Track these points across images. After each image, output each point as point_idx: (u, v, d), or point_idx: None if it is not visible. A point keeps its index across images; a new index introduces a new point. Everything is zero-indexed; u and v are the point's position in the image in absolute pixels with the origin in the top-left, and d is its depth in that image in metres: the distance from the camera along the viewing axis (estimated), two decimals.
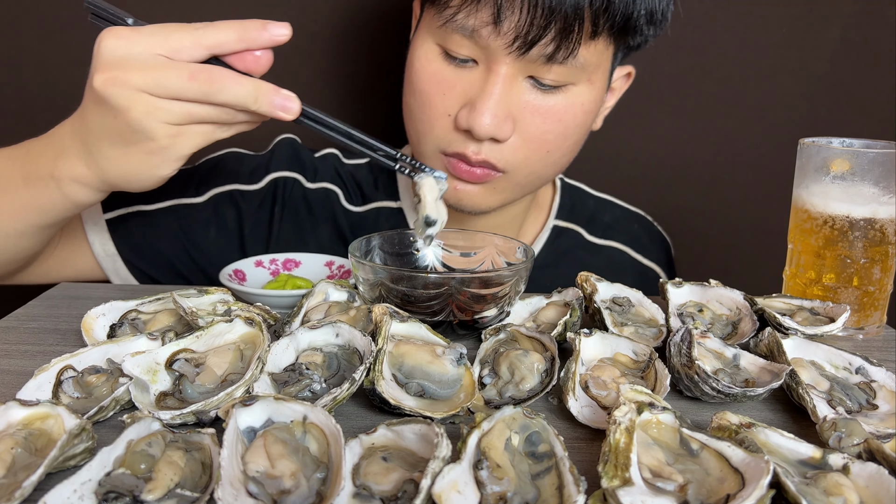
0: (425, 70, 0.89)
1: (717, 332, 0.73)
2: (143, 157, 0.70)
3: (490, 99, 0.84)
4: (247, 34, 0.68)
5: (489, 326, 0.70)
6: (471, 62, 0.86)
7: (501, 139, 0.87)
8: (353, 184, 1.13)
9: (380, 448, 0.49)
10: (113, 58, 0.66)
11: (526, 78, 0.86)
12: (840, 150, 0.77)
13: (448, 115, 0.88)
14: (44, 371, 0.58)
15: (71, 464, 0.49)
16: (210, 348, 0.61)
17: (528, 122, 0.88)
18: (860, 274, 0.78)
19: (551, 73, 0.85)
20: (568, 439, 0.55)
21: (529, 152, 0.90)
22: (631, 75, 1.03)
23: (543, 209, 1.16)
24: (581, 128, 0.93)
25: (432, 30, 0.88)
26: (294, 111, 0.71)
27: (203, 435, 0.50)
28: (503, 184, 0.93)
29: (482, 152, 0.88)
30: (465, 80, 0.87)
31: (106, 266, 0.99)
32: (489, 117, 0.84)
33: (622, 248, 1.16)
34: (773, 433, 0.51)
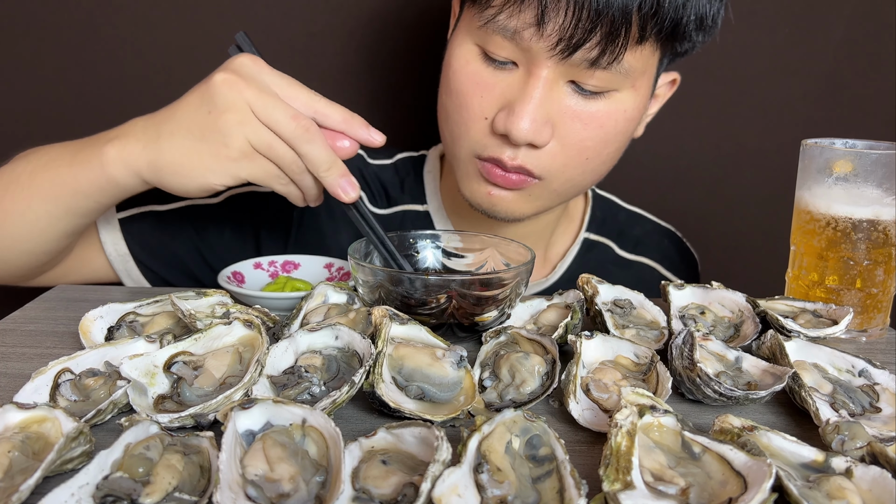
0: (463, 71, 0.87)
1: (719, 335, 0.73)
2: (207, 157, 0.73)
3: (530, 103, 0.82)
4: (351, 122, 0.75)
5: (489, 329, 0.70)
6: (510, 64, 0.84)
7: (540, 145, 0.84)
8: (377, 185, 1.12)
9: (379, 451, 0.49)
10: (241, 69, 0.73)
11: (567, 82, 0.83)
12: (843, 152, 0.77)
13: (485, 118, 0.86)
14: (41, 374, 0.58)
15: (68, 467, 0.49)
16: (208, 351, 0.61)
17: (567, 127, 0.85)
18: (863, 276, 0.78)
19: (594, 79, 0.82)
20: (569, 442, 0.55)
21: (568, 159, 0.87)
22: (676, 82, 1.00)
23: (574, 220, 1.15)
24: (622, 135, 0.90)
25: (472, 30, 0.86)
26: (352, 197, 0.76)
27: (201, 438, 0.50)
28: (539, 191, 0.91)
29: (518, 157, 0.85)
30: (505, 82, 0.85)
31: (118, 267, 0.98)
32: (528, 122, 0.82)
33: (652, 264, 1.16)
34: (775, 436, 0.51)
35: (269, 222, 1.04)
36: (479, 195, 0.92)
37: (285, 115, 0.71)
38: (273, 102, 0.71)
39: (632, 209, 1.22)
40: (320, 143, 0.73)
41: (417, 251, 0.83)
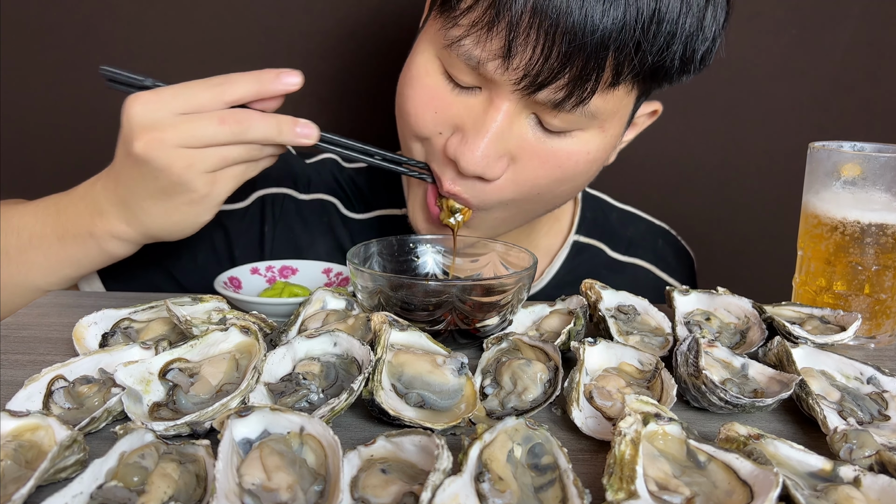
0: (422, 82, 0.82)
1: (724, 341, 0.73)
2: (186, 208, 0.77)
3: (486, 136, 0.78)
4: (262, 87, 0.75)
5: (491, 335, 0.70)
6: (474, 88, 0.80)
7: (489, 179, 0.81)
8: (353, 190, 1.11)
9: (379, 460, 0.49)
10: (146, 121, 0.73)
11: (531, 115, 0.79)
12: (851, 155, 0.77)
13: (439, 134, 0.82)
14: (34, 381, 0.58)
15: (62, 476, 0.49)
16: (205, 358, 0.61)
17: (524, 163, 0.81)
18: (871, 281, 0.78)
19: (557, 120, 0.78)
20: (572, 451, 0.55)
21: (515, 193, 0.84)
22: (657, 113, 0.96)
23: (562, 221, 1.13)
24: (581, 175, 0.85)
25: (436, 42, 0.81)
26: (314, 136, 0.78)
27: (197, 446, 0.50)
28: (478, 221, 0.87)
29: (457, 186, 0.82)
30: (464, 104, 0.80)
31: (81, 283, 0.97)
32: (480, 155, 0.78)
33: (646, 266, 1.14)
34: (782, 445, 0.51)
35: (241, 241, 1.03)
36: (416, 213, 0.91)
37: (213, 126, 0.73)
38: (195, 126, 0.73)
39: (624, 208, 1.20)
40: (256, 121, 0.74)
41: (418, 256, 0.83)
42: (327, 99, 1.34)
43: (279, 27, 1.31)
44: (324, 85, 1.33)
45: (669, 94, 1.32)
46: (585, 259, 1.11)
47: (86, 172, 1.33)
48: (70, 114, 1.36)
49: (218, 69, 1.22)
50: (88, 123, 1.36)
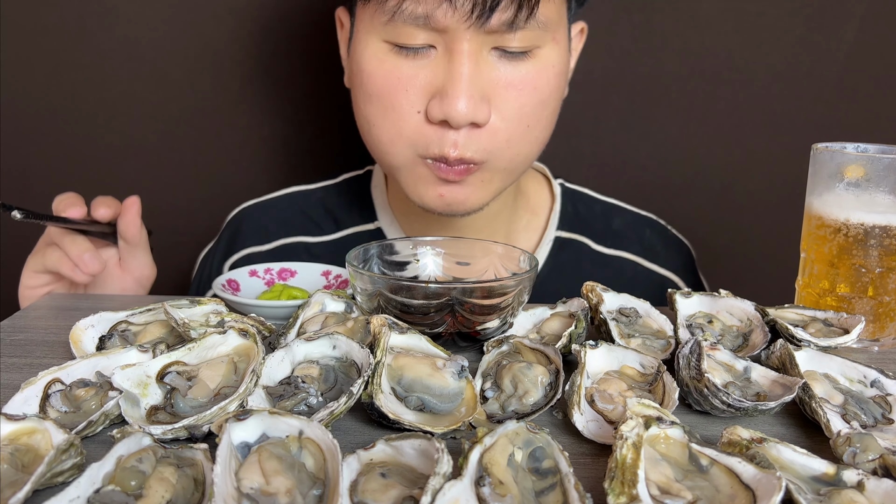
0: (380, 70, 0.85)
1: (727, 344, 0.73)
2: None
3: (461, 81, 0.81)
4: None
5: (491, 338, 0.70)
6: (427, 48, 0.83)
7: (481, 122, 0.84)
8: (321, 212, 1.13)
9: (378, 464, 0.49)
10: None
11: (491, 51, 0.83)
12: (854, 156, 0.77)
13: (417, 112, 0.85)
14: (31, 384, 0.58)
15: (59, 480, 0.49)
16: (203, 361, 0.61)
17: (503, 98, 0.85)
18: (875, 284, 0.78)
19: (516, 40, 0.82)
20: (573, 455, 0.55)
21: (510, 132, 0.87)
22: (584, 31, 1.01)
23: (539, 214, 1.13)
24: (557, 93, 0.91)
25: (375, 28, 0.84)
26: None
27: (195, 450, 0.50)
28: (488, 174, 0.90)
29: (459, 146, 0.85)
30: (427, 69, 0.84)
31: None
32: (464, 101, 0.81)
33: (633, 257, 1.13)
34: (785, 448, 0.51)
35: None
36: (430, 199, 0.91)
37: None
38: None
39: (608, 200, 1.19)
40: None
41: (418, 259, 0.83)
42: (326, 100, 1.35)
43: (278, 27, 1.31)
44: (324, 85, 1.33)
45: (671, 95, 1.33)
46: (568, 254, 1.11)
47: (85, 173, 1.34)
48: (68, 114, 1.36)
49: (216, 68, 1.22)
50: (87, 123, 1.37)
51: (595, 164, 1.38)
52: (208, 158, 1.39)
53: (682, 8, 1.29)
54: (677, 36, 1.31)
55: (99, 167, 1.39)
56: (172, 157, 1.39)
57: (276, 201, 1.17)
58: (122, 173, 1.40)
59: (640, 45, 1.31)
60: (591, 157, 1.38)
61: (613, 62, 1.32)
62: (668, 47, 1.32)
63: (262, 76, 1.34)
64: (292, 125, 1.37)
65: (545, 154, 0.99)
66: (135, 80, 1.34)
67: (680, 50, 1.31)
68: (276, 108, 1.36)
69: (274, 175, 1.40)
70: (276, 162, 1.40)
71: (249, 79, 1.34)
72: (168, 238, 1.37)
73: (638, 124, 1.36)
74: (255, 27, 1.31)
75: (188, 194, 1.41)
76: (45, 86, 1.34)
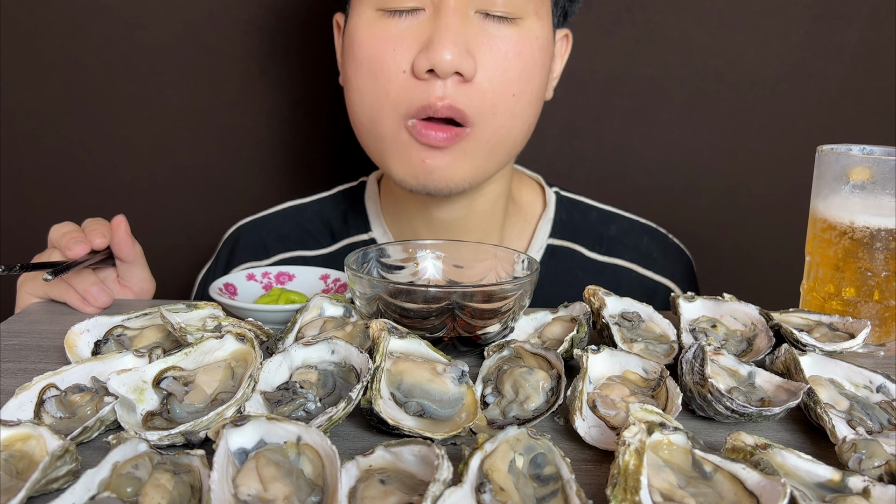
0: (370, 35, 0.90)
1: (731, 349, 0.73)
2: None
3: (447, 31, 0.85)
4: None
5: (492, 343, 0.71)
6: (417, 10, 0.87)
7: (466, 73, 0.86)
8: (318, 225, 1.15)
9: (378, 470, 0.49)
10: None
11: (475, 13, 0.87)
12: (860, 158, 0.77)
13: (403, 72, 0.88)
14: (25, 390, 0.58)
15: (54, 487, 0.49)
16: (199, 366, 0.61)
17: (488, 58, 0.88)
18: (881, 287, 0.78)
19: (497, 4, 0.87)
20: (575, 461, 0.55)
21: (496, 97, 0.89)
22: (568, 37, 1.04)
23: (530, 221, 1.14)
24: (541, 68, 0.93)
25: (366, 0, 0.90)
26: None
27: (192, 457, 0.50)
28: (472, 145, 0.91)
29: (448, 96, 0.87)
30: (415, 28, 0.87)
31: None
32: (450, 48, 0.84)
33: (628, 265, 1.13)
34: (789, 455, 0.51)
35: None
36: (413, 167, 0.92)
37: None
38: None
39: (605, 208, 1.19)
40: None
41: (417, 262, 0.83)
42: (323, 102, 1.35)
43: (274, 29, 1.31)
44: (321, 88, 1.34)
45: (674, 96, 1.33)
46: (560, 261, 1.12)
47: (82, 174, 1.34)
48: (64, 116, 1.36)
49: (214, 70, 1.22)
50: (82, 125, 1.37)
51: (597, 166, 1.38)
52: (205, 160, 1.39)
53: (685, 8, 1.30)
54: (681, 36, 1.31)
55: (95, 169, 1.39)
56: (169, 159, 1.39)
57: (272, 217, 1.19)
58: (118, 176, 1.40)
59: (642, 45, 1.32)
60: (593, 158, 1.38)
61: (615, 62, 1.32)
62: (671, 47, 1.32)
63: (260, 78, 1.34)
64: (290, 127, 1.38)
65: (546, 155, 0.99)
66: (131, 82, 1.35)
67: (683, 50, 1.31)
68: (274, 110, 1.37)
69: (272, 176, 1.41)
70: (274, 164, 1.40)
71: (246, 81, 1.35)
72: (165, 242, 1.37)
73: (640, 126, 1.36)
74: (251, 29, 1.32)
75: (185, 196, 1.42)
76: (39, 88, 1.34)
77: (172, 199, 1.41)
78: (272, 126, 1.38)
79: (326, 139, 1.38)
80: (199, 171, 1.40)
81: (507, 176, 1.05)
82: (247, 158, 1.40)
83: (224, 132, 1.38)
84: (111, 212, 0.90)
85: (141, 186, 1.40)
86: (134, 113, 1.36)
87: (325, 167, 1.40)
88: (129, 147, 1.38)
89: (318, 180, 1.30)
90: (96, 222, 0.89)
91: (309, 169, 1.40)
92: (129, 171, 1.40)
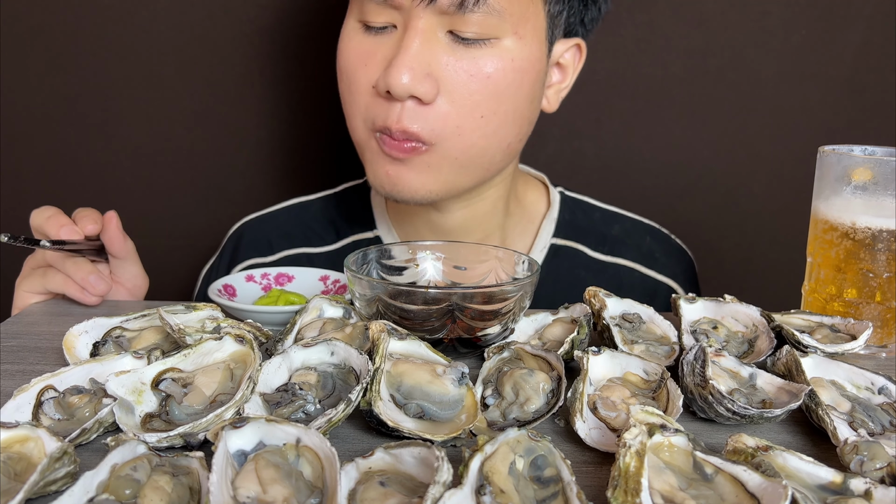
0: (348, 47, 0.91)
1: (732, 351, 0.73)
2: None
3: (405, 53, 0.84)
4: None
5: (492, 344, 0.71)
6: (390, 28, 0.88)
7: (424, 98, 0.86)
8: (324, 224, 1.16)
9: (377, 472, 0.49)
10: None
11: (446, 33, 0.86)
12: (862, 159, 0.77)
13: (371, 87, 0.89)
14: (23, 391, 0.58)
15: (52, 489, 0.49)
16: (198, 367, 0.61)
17: (452, 80, 0.87)
18: (883, 289, 0.78)
19: (469, 25, 0.84)
20: (575, 463, 0.55)
21: (461, 119, 0.88)
22: (581, 48, 1.01)
23: (534, 221, 1.14)
24: (516, 89, 0.91)
25: (353, 9, 0.91)
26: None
27: (191, 458, 0.50)
28: (437, 160, 0.91)
29: (403, 119, 0.86)
30: (384, 45, 0.88)
31: None
32: (405, 72, 0.84)
33: (630, 264, 1.13)
34: (791, 456, 0.51)
35: None
36: (379, 177, 0.93)
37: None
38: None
39: (608, 208, 1.20)
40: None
41: (417, 263, 0.84)
42: (323, 102, 1.35)
43: (274, 29, 1.31)
44: (321, 87, 1.34)
45: (675, 96, 1.33)
46: (563, 261, 1.12)
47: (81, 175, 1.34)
48: (62, 116, 1.36)
49: (213, 70, 1.22)
50: (80, 125, 1.37)
51: (597, 167, 1.38)
52: (204, 160, 1.39)
53: (686, 7, 1.30)
54: (681, 36, 1.31)
55: (94, 169, 1.39)
56: (169, 159, 1.39)
57: (277, 214, 1.20)
58: (118, 176, 1.40)
59: (643, 45, 1.32)
60: (594, 159, 1.38)
61: (616, 63, 1.32)
62: (671, 47, 1.32)
63: (259, 78, 1.35)
64: (289, 127, 1.38)
65: (546, 156, 0.99)
66: (130, 83, 1.35)
67: (684, 50, 1.31)
68: (274, 110, 1.37)
69: (271, 177, 1.41)
70: (273, 164, 1.40)
71: (246, 80, 1.35)
72: (165, 242, 1.37)
73: (641, 126, 1.36)
74: (251, 28, 1.32)
75: (185, 196, 1.42)
76: (37, 88, 1.34)
77: (172, 200, 1.41)
78: (272, 126, 1.38)
79: (326, 139, 1.38)
80: (199, 171, 1.40)
81: (507, 179, 1.05)
82: (246, 158, 1.40)
83: (224, 132, 1.38)
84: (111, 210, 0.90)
85: (140, 186, 1.40)
86: (133, 113, 1.36)
87: (325, 167, 1.40)
88: (128, 147, 1.38)
89: (318, 180, 1.30)
90: (88, 211, 0.89)
91: (308, 169, 1.40)
92: (129, 171, 1.40)
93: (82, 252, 0.88)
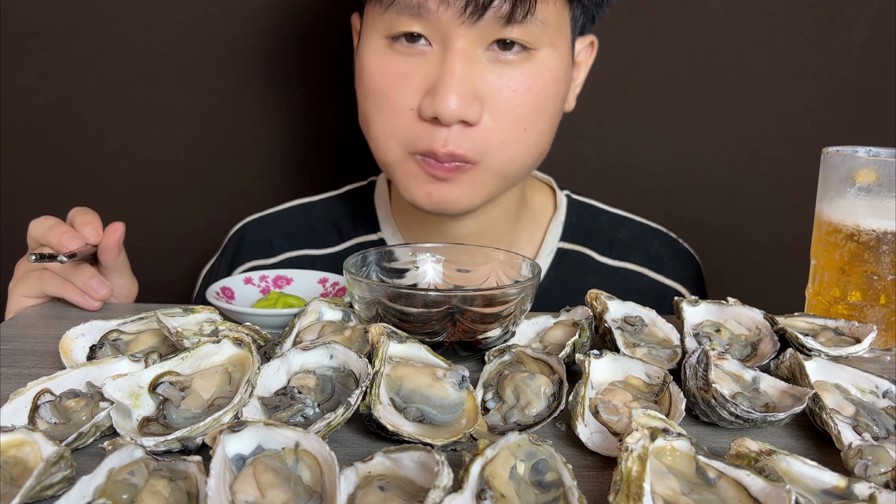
0: (378, 67, 0.89)
1: (735, 354, 0.73)
2: None
3: (452, 78, 0.84)
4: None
5: (493, 347, 0.71)
6: (423, 42, 0.86)
7: (472, 122, 0.86)
8: (327, 225, 1.15)
9: (377, 477, 0.49)
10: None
11: (486, 50, 0.86)
12: (866, 160, 0.78)
13: (410, 109, 0.88)
14: (19, 395, 0.58)
15: (48, 494, 0.49)
16: (196, 371, 0.61)
17: (497, 98, 0.87)
18: (887, 291, 0.78)
19: (513, 35, 0.85)
20: (577, 467, 0.55)
21: (505, 134, 0.89)
22: (594, 44, 1.03)
23: (541, 225, 1.14)
24: (554, 98, 0.92)
25: (378, 25, 0.88)
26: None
27: (189, 463, 0.50)
28: (480, 175, 0.91)
29: (450, 143, 0.87)
30: (423, 66, 0.87)
31: None
32: (454, 98, 0.84)
33: (638, 269, 1.14)
34: (794, 461, 0.51)
35: None
36: (419, 197, 0.93)
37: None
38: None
39: (616, 212, 1.20)
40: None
41: (417, 266, 0.84)
42: (324, 103, 1.35)
43: (275, 29, 1.31)
44: (323, 88, 1.34)
45: (678, 97, 1.33)
46: (570, 265, 1.12)
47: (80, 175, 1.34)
48: (61, 117, 1.36)
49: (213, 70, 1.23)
50: (79, 126, 1.37)
51: (599, 169, 1.38)
52: (203, 162, 1.39)
53: (688, 8, 1.30)
54: (684, 37, 1.31)
55: (93, 171, 1.39)
56: (168, 161, 1.39)
57: (279, 214, 1.19)
58: (117, 178, 1.40)
59: (645, 46, 1.32)
60: (596, 161, 1.38)
61: (618, 64, 1.32)
62: (674, 48, 1.32)
63: (259, 78, 1.35)
64: (288, 128, 1.38)
65: (548, 158, 0.99)
66: (129, 84, 1.35)
67: (686, 51, 1.31)
68: (273, 111, 1.37)
69: (270, 178, 1.41)
70: (273, 165, 1.40)
71: (246, 81, 1.35)
72: (163, 244, 1.37)
73: (643, 127, 1.36)
74: (251, 28, 1.32)
75: (184, 198, 1.42)
76: (35, 88, 1.34)
77: (171, 201, 1.41)
78: (271, 127, 1.38)
79: (326, 141, 1.38)
80: (198, 172, 1.40)
81: (521, 183, 1.05)
82: (246, 159, 1.40)
83: (223, 133, 1.38)
84: (109, 213, 0.90)
85: (139, 188, 1.40)
86: (132, 113, 1.36)
87: (325, 168, 1.39)
88: (127, 148, 1.38)
89: (318, 181, 1.30)
90: (84, 212, 0.88)
91: (308, 170, 1.40)
92: (128, 173, 1.40)
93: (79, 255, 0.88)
